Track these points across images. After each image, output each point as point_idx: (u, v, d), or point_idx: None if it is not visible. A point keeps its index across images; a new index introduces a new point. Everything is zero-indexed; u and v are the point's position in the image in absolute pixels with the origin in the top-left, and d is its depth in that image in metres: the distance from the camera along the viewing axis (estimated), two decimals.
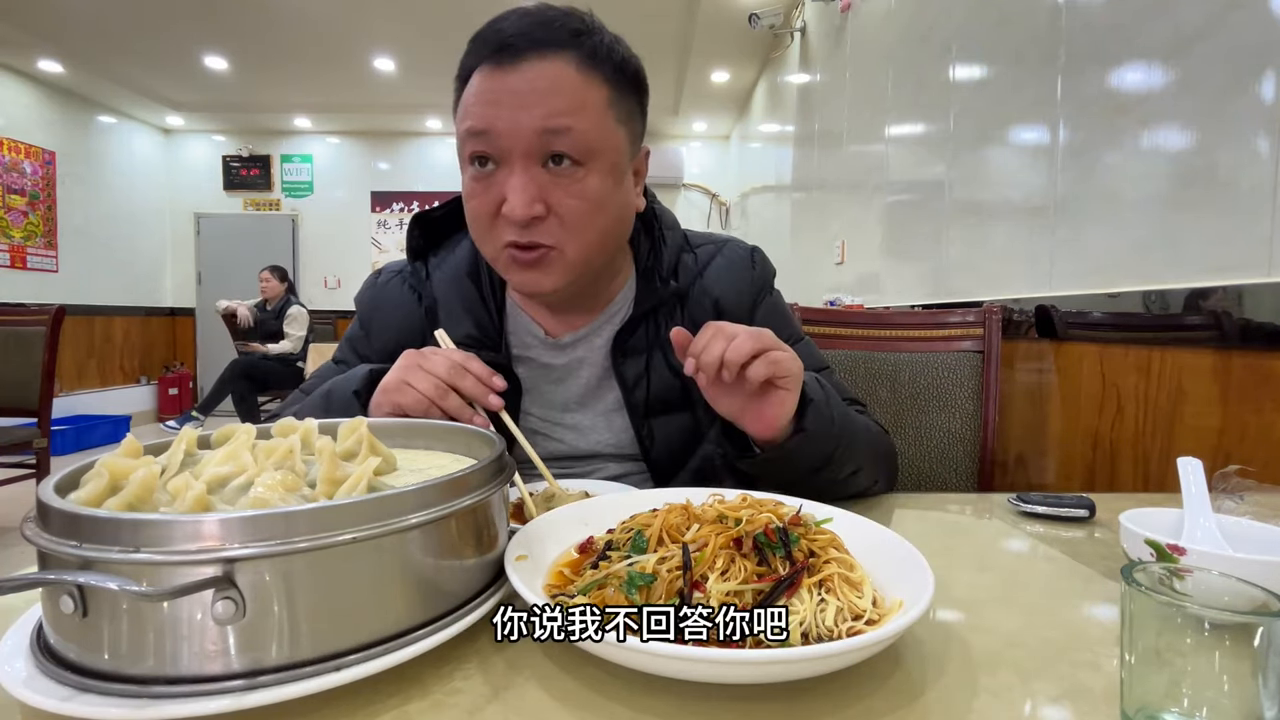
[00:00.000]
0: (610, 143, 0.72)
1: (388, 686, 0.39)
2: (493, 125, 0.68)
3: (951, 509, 0.82)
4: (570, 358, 0.85)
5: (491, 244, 0.75)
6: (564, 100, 0.69)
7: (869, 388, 1.40)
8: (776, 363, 0.63)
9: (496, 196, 0.71)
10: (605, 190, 0.73)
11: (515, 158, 0.69)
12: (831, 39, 3.31)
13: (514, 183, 0.69)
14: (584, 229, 0.72)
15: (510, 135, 0.68)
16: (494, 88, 0.69)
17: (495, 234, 0.73)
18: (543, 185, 0.70)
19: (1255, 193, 0.99)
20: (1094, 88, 1.37)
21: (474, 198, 0.73)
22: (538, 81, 0.68)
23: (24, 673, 0.36)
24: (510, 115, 0.68)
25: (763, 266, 0.92)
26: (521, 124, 0.68)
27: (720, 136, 6.80)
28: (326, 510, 0.37)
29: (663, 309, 0.84)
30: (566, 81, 0.69)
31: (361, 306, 0.91)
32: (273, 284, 5.23)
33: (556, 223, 0.71)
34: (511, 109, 0.68)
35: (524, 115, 0.68)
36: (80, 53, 5.04)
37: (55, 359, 2.74)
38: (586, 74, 0.70)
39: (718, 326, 0.65)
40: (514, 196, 0.69)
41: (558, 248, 0.72)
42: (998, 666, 0.42)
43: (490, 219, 0.73)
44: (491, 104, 0.69)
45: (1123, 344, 1.26)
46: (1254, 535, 0.57)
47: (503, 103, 0.68)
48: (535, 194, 0.69)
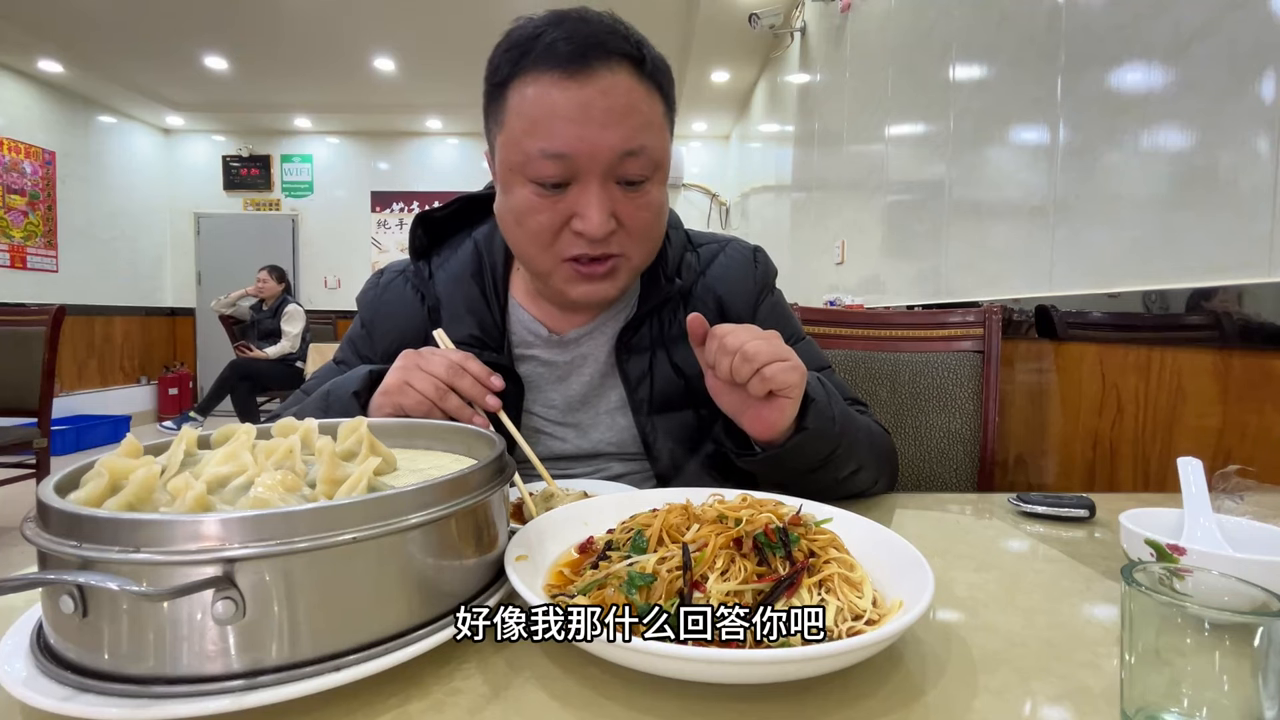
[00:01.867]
0: (668, 154, 0.74)
1: (388, 686, 0.39)
2: (573, 148, 0.67)
3: (951, 509, 0.82)
4: (574, 354, 0.85)
5: (551, 258, 0.74)
6: (640, 119, 0.69)
7: (869, 388, 1.40)
8: (773, 378, 0.63)
9: (564, 213, 0.71)
10: (663, 199, 0.76)
11: (593, 177, 0.69)
12: (831, 39, 3.31)
13: (591, 200, 0.69)
14: (648, 237, 0.75)
15: (591, 157, 0.68)
16: (567, 103, 0.66)
17: (558, 248, 0.73)
18: (616, 200, 0.71)
19: (1255, 193, 0.99)
20: (1094, 88, 1.37)
21: (538, 213, 0.71)
22: (614, 98, 0.67)
23: (24, 673, 0.36)
24: (593, 136, 0.67)
25: (765, 266, 0.92)
26: (603, 144, 0.67)
27: (720, 136, 6.81)
28: (326, 510, 0.37)
29: (666, 307, 0.85)
30: (637, 95, 0.69)
31: (364, 307, 0.91)
32: (270, 284, 5.22)
33: (624, 234, 0.73)
34: (593, 128, 0.67)
35: (606, 135, 0.67)
36: (80, 53, 5.04)
37: (55, 359, 2.74)
38: (649, 87, 0.71)
39: (730, 329, 0.66)
40: (593, 214, 0.69)
41: (625, 255, 0.74)
42: (998, 666, 0.42)
43: (554, 234, 0.72)
44: (570, 122, 0.67)
45: (1123, 344, 1.26)
46: (1254, 535, 0.57)
47: (580, 120, 0.67)
48: (610, 209, 0.70)
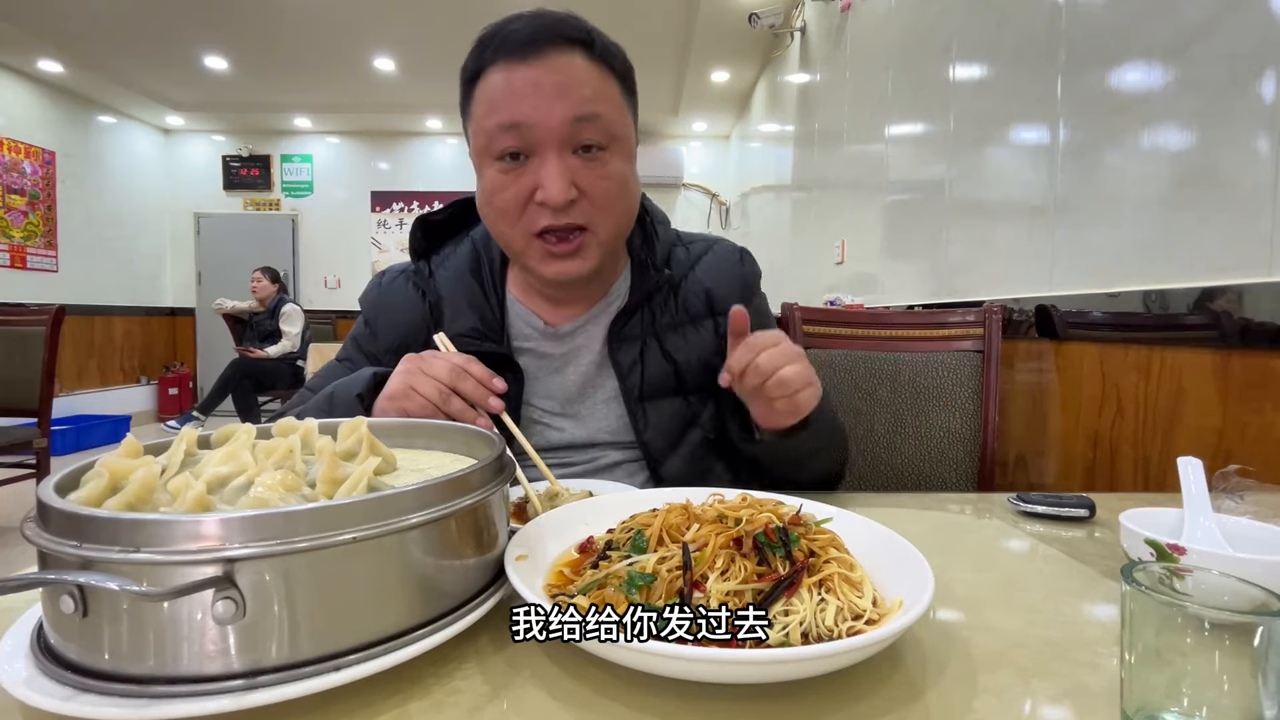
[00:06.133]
0: (627, 129, 0.78)
1: (388, 686, 0.39)
2: (526, 117, 0.72)
3: (951, 509, 0.82)
4: (569, 346, 0.87)
5: (522, 234, 0.77)
6: (589, 89, 0.73)
7: (869, 388, 1.40)
8: (801, 404, 0.69)
9: (528, 185, 0.74)
10: (626, 172, 0.78)
11: (549, 147, 0.73)
12: (831, 39, 3.31)
13: (549, 169, 0.73)
14: (612, 208, 0.78)
15: (544, 125, 0.72)
16: (521, 80, 0.72)
17: (526, 223, 0.76)
18: (574, 170, 0.74)
19: (1255, 193, 0.99)
20: (1094, 88, 1.37)
21: (503, 190, 0.75)
22: (562, 73, 0.72)
23: (24, 673, 0.36)
24: (544, 105, 0.71)
25: (751, 266, 0.96)
26: (555, 113, 0.71)
27: (720, 136, 6.80)
28: (326, 510, 0.37)
29: (657, 297, 0.88)
30: (587, 73, 0.74)
31: (367, 306, 0.93)
32: (264, 285, 5.23)
33: (588, 204, 0.76)
34: (544, 99, 0.71)
35: (557, 105, 0.71)
36: (80, 53, 5.04)
37: (55, 359, 2.74)
38: (600, 68, 0.76)
39: (763, 345, 0.69)
40: (551, 182, 0.72)
41: (590, 229, 0.77)
42: (998, 666, 0.42)
43: (520, 209, 0.75)
44: (522, 96, 0.72)
45: (1123, 344, 1.26)
46: (1254, 535, 0.57)
47: (532, 94, 0.71)
48: (569, 180, 0.73)
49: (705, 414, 0.88)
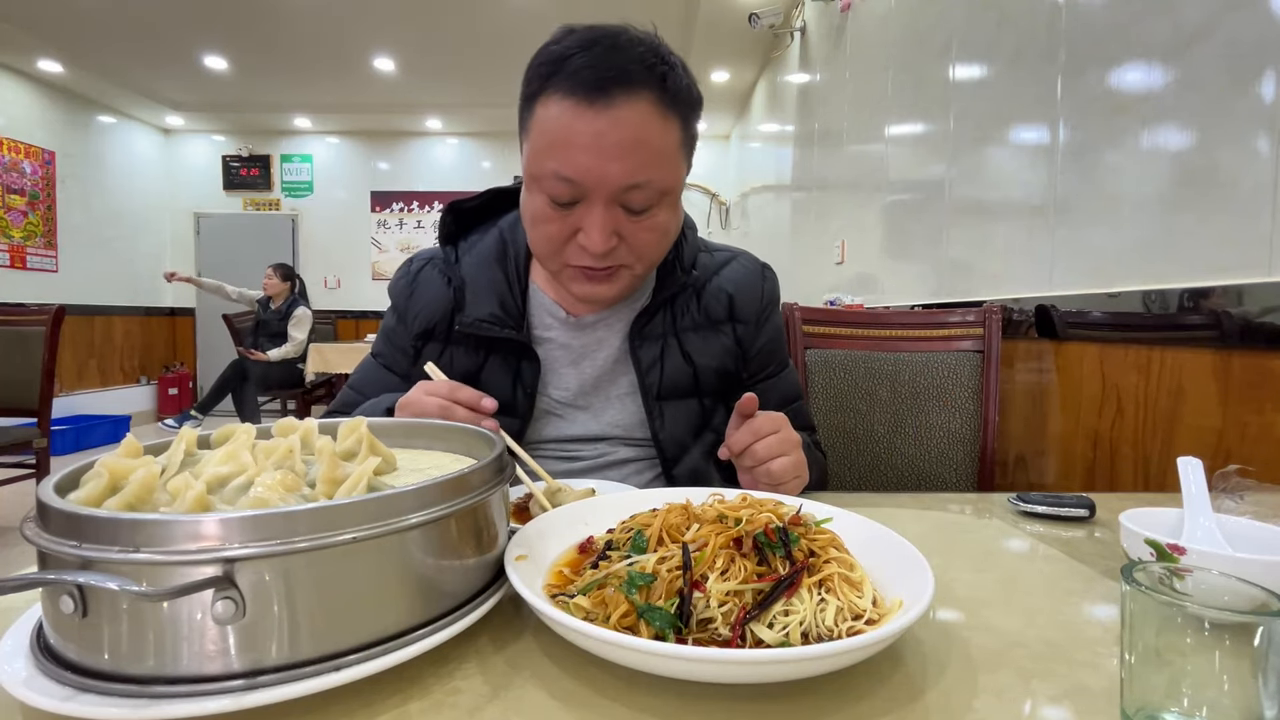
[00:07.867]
0: (677, 181, 0.77)
1: (388, 686, 0.39)
2: (582, 175, 0.71)
3: (951, 509, 0.82)
4: (590, 338, 0.89)
5: (558, 262, 0.79)
6: (648, 153, 0.72)
7: (869, 388, 1.40)
8: (786, 493, 0.69)
9: (571, 226, 0.75)
10: (670, 220, 0.79)
11: (598, 200, 0.73)
12: (831, 39, 3.31)
13: (594, 220, 0.73)
14: (650, 254, 0.80)
15: (598, 184, 0.72)
16: (584, 132, 0.70)
17: (564, 256, 0.78)
18: (618, 221, 0.75)
19: (1255, 193, 0.99)
20: (1094, 88, 1.37)
21: (548, 223, 0.76)
22: (626, 130, 0.70)
23: (24, 673, 0.36)
24: (600, 166, 0.70)
25: (772, 283, 0.98)
26: (610, 174, 0.71)
27: (720, 136, 6.80)
28: (326, 510, 0.37)
29: (680, 298, 0.89)
30: (651, 129, 0.71)
31: (396, 294, 0.95)
32: (274, 282, 5.18)
33: (626, 249, 0.77)
34: (602, 159, 0.70)
35: (613, 166, 0.70)
36: (80, 53, 5.04)
37: (55, 359, 2.74)
38: (665, 116, 0.73)
39: (764, 432, 0.71)
40: (594, 234, 0.73)
41: (628, 266, 0.79)
42: (998, 666, 0.42)
43: (562, 243, 0.77)
44: (582, 150, 0.70)
45: (1123, 344, 1.26)
46: (1254, 535, 0.57)
47: (593, 147, 0.70)
48: (612, 230, 0.74)
49: (718, 419, 0.89)
